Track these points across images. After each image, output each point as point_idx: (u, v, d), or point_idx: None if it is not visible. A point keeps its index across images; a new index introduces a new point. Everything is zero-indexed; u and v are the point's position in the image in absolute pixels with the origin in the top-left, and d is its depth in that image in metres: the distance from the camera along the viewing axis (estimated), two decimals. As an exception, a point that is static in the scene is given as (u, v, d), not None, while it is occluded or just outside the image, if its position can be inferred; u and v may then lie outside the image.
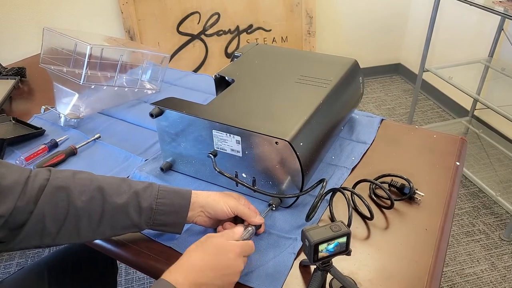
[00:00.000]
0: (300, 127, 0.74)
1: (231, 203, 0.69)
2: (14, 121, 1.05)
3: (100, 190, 0.63)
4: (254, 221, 0.69)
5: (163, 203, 0.66)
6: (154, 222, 0.66)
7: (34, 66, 1.37)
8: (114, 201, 0.63)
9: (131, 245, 0.73)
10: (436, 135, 0.99)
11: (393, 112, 2.62)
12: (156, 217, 0.66)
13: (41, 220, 0.59)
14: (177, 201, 0.67)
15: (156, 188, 0.67)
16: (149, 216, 0.65)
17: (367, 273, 0.66)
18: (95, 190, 0.63)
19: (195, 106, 0.81)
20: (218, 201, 0.69)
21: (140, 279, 1.57)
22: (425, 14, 2.66)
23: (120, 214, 0.63)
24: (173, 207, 0.67)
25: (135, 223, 0.65)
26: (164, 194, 0.67)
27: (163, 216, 0.66)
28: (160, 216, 0.66)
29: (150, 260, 0.70)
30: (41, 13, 2.19)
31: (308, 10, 2.50)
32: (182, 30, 2.42)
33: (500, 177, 1.98)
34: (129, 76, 1.24)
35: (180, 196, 0.68)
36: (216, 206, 0.69)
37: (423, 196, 0.80)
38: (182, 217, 0.67)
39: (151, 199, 0.65)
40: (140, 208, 0.64)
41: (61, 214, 0.61)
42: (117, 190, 0.64)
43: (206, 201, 0.69)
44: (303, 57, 1.03)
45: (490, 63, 2.09)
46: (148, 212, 0.65)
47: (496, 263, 1.60)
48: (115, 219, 0.64)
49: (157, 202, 0.66)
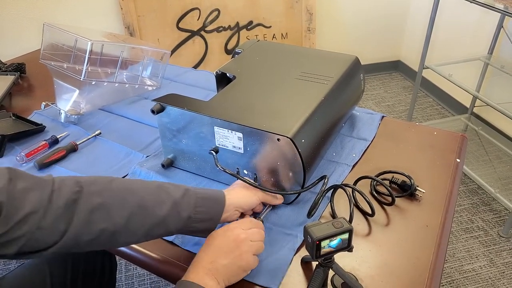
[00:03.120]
0: (302, 124, 0.74)
1: (260, 195, 0.74)
2: (14, 117, 1.05)
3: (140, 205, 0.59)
4: (276, 202, 0.77)
5: (201, 211, 0.64)
6: (188, 230, 0.64)
7: (34, 62, 1.37)
8: (155, 213, 0.60)
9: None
10: (437, 132, 0.99)
11: (392, 109, 2.62)
12: (191, 225, 0.64)
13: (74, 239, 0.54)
14: (213, 208, 0.66)
15: (193, 196, 0.64)
16: (185, 225, 0.63)
17: (369, 269, 0.66)
18: (135, 206, 0.59)
19: (196, 103, 0.81)
20: (251, 196, 0.72)
21: (140, 275, 1.57)
22: (425, 11, 2.66)
23: (158, 225, 0.61)
24: (209, 215, 0.65)
25: (169, 231, 0.63)
26: (202, 202, 0.65)
27: (198, 223, 0.64)
28: (196, 224, 0.64)
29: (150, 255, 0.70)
30: (41, 9, 2.18)
31: (308, 6, 2.49)
32: (182, 26, 2.42)
33: (499, 174, 1.99)
34: (129, 73, 1.24)
35: (216, 202, 0.67)
36: (251, 201, 0.72)
37: (423, 192, 0.80)
38: (215, 223, 0.66)
39: (190, 209, 0.63)
40: (180, 219, 0.62)
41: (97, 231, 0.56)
42: (157, 201, 0.61)
43: (239, 200, 0.70)
44: (304, 53, 1.03)
45: (490, 61, 2.09)
46: (186, 221, 0.63)
47: (494, 260, 1.60)
48: (153, 231, 0.61)
49: (195, 211, 0.63)
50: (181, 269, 0.67)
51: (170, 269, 0.69)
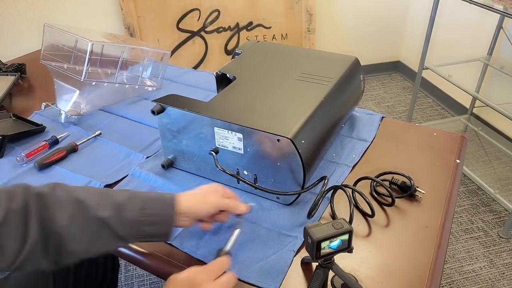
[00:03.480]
0: (302, 125, 0.74)
1: (214, 201, 0.67)
2: (14, 117, 1.05)
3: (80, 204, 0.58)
4: (240, 211, 0.69)
5: (148, 213, 0.61)
6: (140, 235, 0.62)
7: (34, 62, 1.37)
8: (97, 215, 0.58)
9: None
10: (437, 132, 0.99)
11: (392, 110, 2.62)
12: (142, 228, 0.61)
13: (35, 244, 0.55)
14: (162, 210, 0.63)
15: (138, 199, 0.62)
16: (135, 229, 0.61)
17: (368, 270, 0.66)
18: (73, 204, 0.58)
19: (196, 103, 0.81)
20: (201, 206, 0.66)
21: (140, 275, 1.57)
22: (424, 12, 2.66)
23: (101, 229, 0.59)
24: (158, 217, 0.62)
25: (120, 237, 0.60)
26: (148, 204, 0.62)
27: (149, 227, 0.62)
28: (147, 227, 0.62)
29: (151, 257, 0.70)
30: (41, 9, 2.18)
31: (308, 7, 2.49)
32: (182, 27, 2.42)
33: (499, 174, 1.99)
34: (129, 73, 1.24)
35: (165, 204, 0.64)
36: (201, 212, 0.66)
37: (423, 193, 0.80)
38: (169, 226, 0.63)
39: (135, 211, 0.61)
40: (125, 221, 0.60)
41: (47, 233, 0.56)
42: (98, 203, 0.59)
43: (189, 207, 0.65)
44: (304, 54, 1.03)
45: (489, 61, 2.09)
46: (134, 225, 0.61)
47: (494, 261, 1.61)
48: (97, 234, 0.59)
49: (141, 214, 0.61)
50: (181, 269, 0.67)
51: (169, 269, 0.69)
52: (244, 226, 0.73)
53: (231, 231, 0.68)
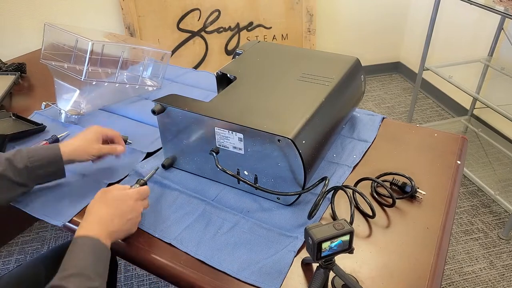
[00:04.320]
0: (303, 125, 0.74)
1: (94, 151, 0.82)
2: (14, 117, 1.05)
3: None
4: (117, 152, 0.85)
5: (36, 159, 0.76)
6: (37, 177, 0.77)
7: (34, 61, 1.37)
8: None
9: (131, 241, 0.73)
10: (437, 133, 0.99)
11: (392, 111, 2.62)
12: (35, 172, 0.76)
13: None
14: (47, 153, 0.77)
15: (25, 151, 0.77)
16: (29, 173, 0.76)
17: (369, 271, 0.66)
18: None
19: (197, 104, 0.81)
20: (82, 155, 0.81)
21: (139, 275, 1.57)
22: (425, 12, 2.66)
23: (2, 180, 0.73)
24: (46, 159, 0.77)
25: (19, 183, 0.75)
26: (34, 152, 0.77)
27: (41, 169, 0.77)
28: (39, 170, 0.76)
29: (150, 256, 0.70)
30: (41, 9, 2.18)
31: (308, 7, 2.49)
32: (182, 27, 2.42)
33: (499, 176, 1.98)
34: (130, 73, 1.23)
35: (48, 149, 0.78)
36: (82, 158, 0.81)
37: (424, 194, 0.80)
38: (59, 164, 0.78)
39: (24, 160, 0.75)
40: (18, 170, 0.74)
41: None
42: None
43: (72, 156, 0.80)
44: (305, 55, 1.03)
45: (490, 62, 2.09)
46: (26, 171, 0.75)
47: (494, 262, 1.60)
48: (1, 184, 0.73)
49: (30, 161, 0.75)
50: (181, 270, 0.67)
51: (170, 270, 0.69)
52: (247, 223, 0.76)
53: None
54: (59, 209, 0.79)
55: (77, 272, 0.57)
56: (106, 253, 0.63)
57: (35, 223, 1.80)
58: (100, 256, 0.62)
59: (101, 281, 0.60)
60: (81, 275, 0.57)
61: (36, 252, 1.68)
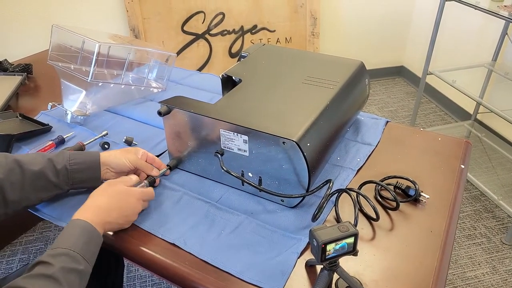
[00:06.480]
0: (307, 128, 0.74)
1: (131, 158, 0.80)
2: (21, 117, 1.06)
3: (17, 162, 0.73)
4: (152, 173, 0.82)
5: (76, 162, 0.76)
6: (73, 181, 0.77)
7: (41, 62, 1.38)
8: (31, 169, 0.73)
9: (134, 241, 0.73)
10: (441, 138, 0.99)
11: (395, 115, 2.62)
12: (73, 175, 0.76)
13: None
14: (88, 158, 0.78)
15: (67, 153, 0.78)
16: (67, 176, 0.76)
17: (373, 274, 0.66)
18: (11, 162, 0.72)
19: (203, 105, 0.81)
20: (119, 158, 0.79)
21: (142, 276, 1.58)
22: (428, 17, 2.67)
23: (39, 178, 0.73)
24: (85, 164, 0.77)
25: (55, 184, 0.75)
26: (75, 155, 0.77)
27: (79, 173, 0.76)
28: (76, 174, 0.76)
29: (153, 256, 0.71)
30: (47, 10, 2.20)
31: (312, 11, 2.50)
32: (187, 29, 2.43)
33: (502, 181, 1.98)
34: (135, 74, 1.24)
35: (89, 154, 0.79)
36: (118, 161, 0.79)
37: (428, 198, 0.80)
38: (97, 171, 0.78)
39: (64, 161, 0.76)
40: (57, 170, 0.75)
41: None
42: (31, 161, 0.74)
43: (109, 159, 0.79)
44: (309, 58, 1.03)
45: (494, 67, 2.09)
46: (65, 172, 0.75)
47: (497, 267, 1.60)
48: (35, 184, 0.73)
49: (70, 163, 0.76)
50: (185, 270, 0.68)
51: (172, 270, 0.69)
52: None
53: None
54: (64, 209, 0.80)
55: (66, 252, 0.59)
56: (98, 239, 0.65)
57: (38, 223, 1.81)
58: (91, 239, 0.64)
59: (87, 265, 0.61)
60: (69, 255, 0.59)
61: (39, 252, 1.68)
